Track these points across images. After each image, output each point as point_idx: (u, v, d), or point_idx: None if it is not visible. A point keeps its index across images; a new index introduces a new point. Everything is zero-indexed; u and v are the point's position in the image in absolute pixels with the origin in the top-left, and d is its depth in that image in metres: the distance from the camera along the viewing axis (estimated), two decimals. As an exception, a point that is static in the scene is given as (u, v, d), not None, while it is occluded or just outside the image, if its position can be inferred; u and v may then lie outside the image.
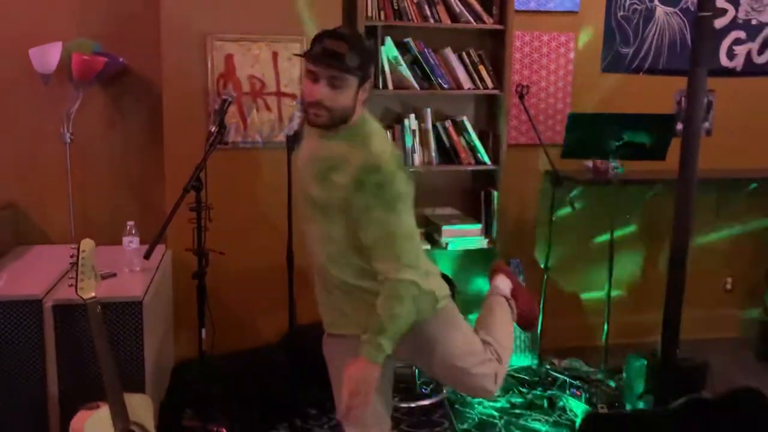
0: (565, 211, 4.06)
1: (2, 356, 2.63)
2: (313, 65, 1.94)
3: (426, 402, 3.39)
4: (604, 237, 3.74)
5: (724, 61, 4.23)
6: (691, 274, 4.11)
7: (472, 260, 3.97)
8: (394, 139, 3.70)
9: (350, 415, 1.99)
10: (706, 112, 4.33)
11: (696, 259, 4.27)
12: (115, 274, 2.90)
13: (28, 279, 2.84)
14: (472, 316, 2.76)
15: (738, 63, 4.25)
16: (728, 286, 4.56)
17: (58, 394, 2.66)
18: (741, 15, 4.20)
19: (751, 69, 4.25)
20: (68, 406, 2.57)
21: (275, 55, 3.41)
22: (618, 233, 3.78)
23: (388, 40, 3.58)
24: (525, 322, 2.64)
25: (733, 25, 4.20)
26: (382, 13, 3.55)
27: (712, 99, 4.33)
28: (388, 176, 1.93)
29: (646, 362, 3.27)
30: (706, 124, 4.35)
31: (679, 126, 3.49)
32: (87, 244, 2.41)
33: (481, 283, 4.00)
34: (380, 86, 3.58)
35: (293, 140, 2.82)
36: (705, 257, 4.40)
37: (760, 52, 4.27)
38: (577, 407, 3.41)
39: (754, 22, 4.22)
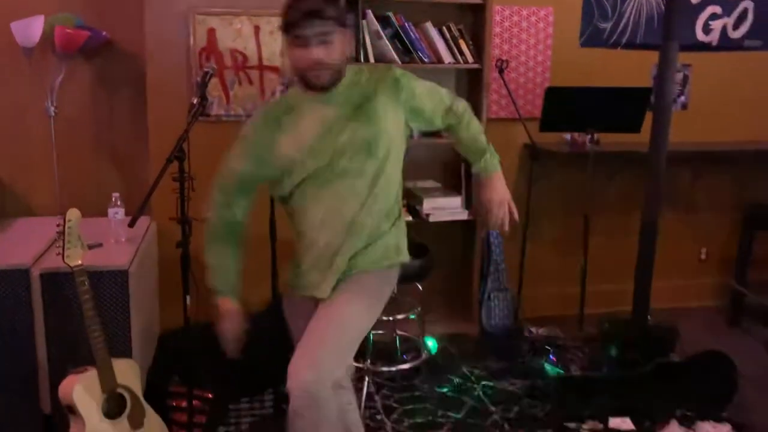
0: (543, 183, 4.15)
1: (-8, 323, 2.70)
2: (298, 30, 2.00)
3: (406, 366, 3.48)
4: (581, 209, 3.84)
5: (700, 35, 4.33)
6: (667, 245, 4.26)
7: (453, 232, 4.06)
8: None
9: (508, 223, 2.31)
10: (682, 86, 4.42)
11: (672, 231, 4.42)
12: (101, 245, 2.95)
13: (15, 249, 2.89)
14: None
15: (714, 38, 4.35)
16: (703, 256, 4.69)
17: (47, 359, 2.73)
18: (717, -10, 4.28)
19: (726, 43, 4.34)
20: (57, 371, 2.64)
21: (257, 29, 3.45)
22: (595, 205, 3.89)
23: (369, 14, 3.62)
24: None
25: (709, 0, 4.28)
26: (363, -13, 3.59)
27: (688, 73, 4.41)
28: (403, 72, 2.27)
29: (618, 328, 3.39)
30: (682, 98, 4.44)
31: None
32: (73, 213, 2.47)
33: (459, 255, 4.09)
34: (362, 59, 3.63)
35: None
36: (681, 228, 4.53)
37: (736, 27, 4.36)
38: (552, 372, 3.53)
39: (729, -4, 4.30)
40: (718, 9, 4.31)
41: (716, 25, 4.33)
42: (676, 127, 4.15)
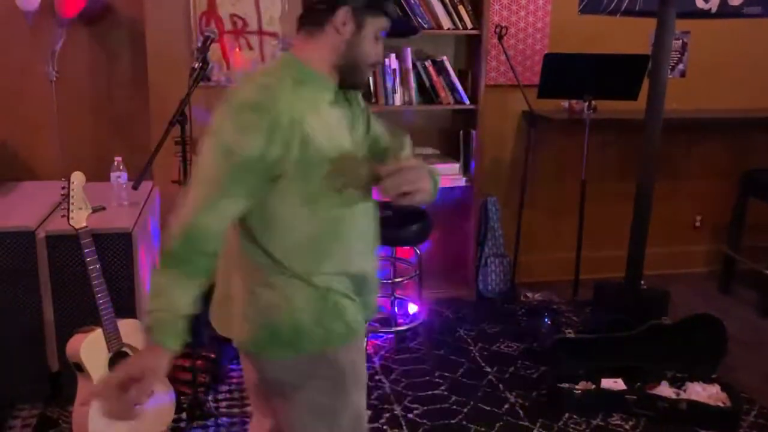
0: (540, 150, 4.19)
1: (-1, 285, 2.76)
2: (388, 25, 1.66)
3: (402, 328, 3.55)
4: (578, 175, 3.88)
5: (699, 2, 4.32)
6: (662, 212, 4.32)
7: (450, 198, 4.11)
8: (375, 78, 3.78)
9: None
10: (681, 53, 4.43)
11: (667, 198, 4.47)
12: (104, 208, 2.99)
13: (19, 212, 2.94)
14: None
15: (713, 4, 4.34)
16: (697, 224, 4.75)
17: (54, 320, 2.81)
18: (718, -43, 4.27)
19: (726, 11, 4.34)
20: (64, 331, 2.70)
21: (257, -7, 3.45)
22: (591, 172, 3.93)
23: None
24: None
25: (709, -34, 4.27)
26: (362, -48, 3.58)
27: (686, 41, 4.42)
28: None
29: (612, 291, 3.46)
30: (681, 66, 4.45)
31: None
32: (77, 176, 2.51)
33: (458, 222, 4.15)
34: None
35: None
36: (676, 196, 4.58)
37: (735, -6, 4.35)
38: (547, 335, 3.61)
39: (730, -37, 4.29)
40: (718, -24, 4.30)
41: (716, -8, 4.33)
42: (674, 94, 4.17)
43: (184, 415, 2.86)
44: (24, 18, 3.28)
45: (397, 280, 3.64)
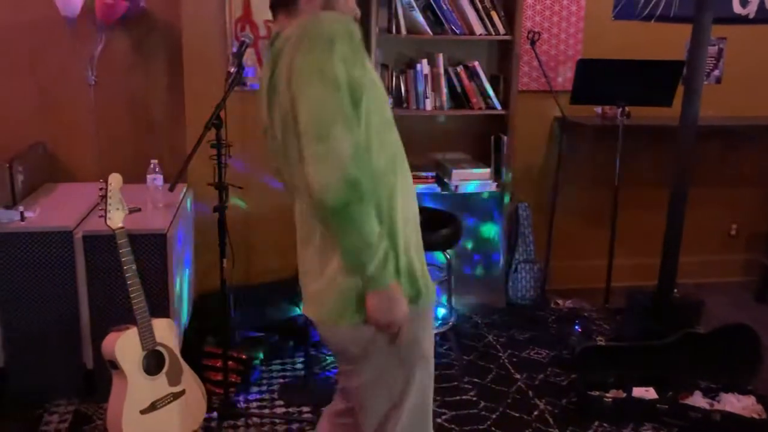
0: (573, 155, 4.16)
1: (37, 284, 2.83)
2: None
3: (433, 333, 3.55)
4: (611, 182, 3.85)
5: (737, 8, 4.28)
6: (697, 220, 4.26)
7: (481, 203, 4.10)
8: (406, 83, 3.80)
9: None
10: (717, 59, 4.37)
11: (702, 206, 4.40)
12: (140, 209, 3.05)
13: (58, 212, 3.02)
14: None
15: (751, 10, 4.29)
16: (733, 232, 4.66)
17: (90, 318, 2.87)
18: (756, -39, 4.21)
19: (764, 16, 4.29)
20: (99, 329, 2.76)
21: (291, -1, 3.49)
22: (624, 179, 3.89)
23: (402, -15, 3.64)
24: None
25: (747, -29, 4.22)
26: (396, -41, 3.61)
27: (722, 47, 4.36)
28: None
29: (644, 299, 3.42)
30: (716, 72, 4.39)
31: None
32: (115, 178, 2.56)
33: (488, 227, 4.14)
34: (393, 30, 3.67)
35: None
36: (711, 203, 4.51)
37: (774, -1, 4.29)
38: (578, 342, 3.58)
39: (769, -32, 4.23)
40: (756, -19, 4.24)
41: (754, -3, 4.27)
42: (710, 100, 4.12)
43: (215, 415, 2.90)
44: (65, 24, 3.36)
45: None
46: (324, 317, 1.70)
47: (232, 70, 2.54)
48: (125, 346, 2.54)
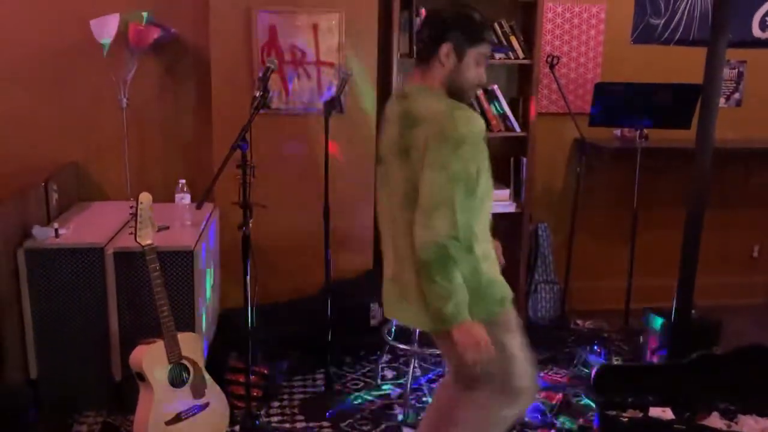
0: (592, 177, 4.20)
1: (70, 298, 2.95)
2: (489, 51, 2.14)
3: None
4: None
5: (756, 32, 4.28)
6: (718, 242, 4.28)
7: (500, 224, 4.14)
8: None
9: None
10: (737, 83, 4.39)
11: (724, 227, 4.41)
12: (168, 227, 3.17)
13: (90, 229, 3.14)
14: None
15: (770, 34, 4.31)
16: (755, 254, 4.65)
17: (119, 331, 2.97)
18: (775, -14, 4.24)
19: (784, 40, 4.30)
20: (128, 341, 2.87)
21: (315, 25, 3.61)
22: (643, 200, 3.92)
23: (423, 11, 3.74)
24: None
25: (766, -4, 4.24)
26: (417, -15, 3.72)
27: (743, 70, 4.39)
28: None
29: (662, 320, 3.43)
30: (737, 95, 4.41)
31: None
32: (145, 197, 2.68)
33: (506, 246, 4.17)
34: (414, 55, 3.76)
35: (330, 106, 3.04)
36: (733, 226, 4.51)
37: (794, 23, 4.31)
38: (595, 362, 3.60)
39: (788, -8, 4.25)
40: (775, 5, 4.26)
41: (773, 21, 4.29)
42: (730, 123, 4.15)
43: (237, 428, 2.97)
44: (100, 49, 3.51)
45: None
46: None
47: (258, 94, 2.65)
48: (152, 359, 2.64)
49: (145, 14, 3.56)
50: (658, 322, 3.47)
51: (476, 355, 2.07)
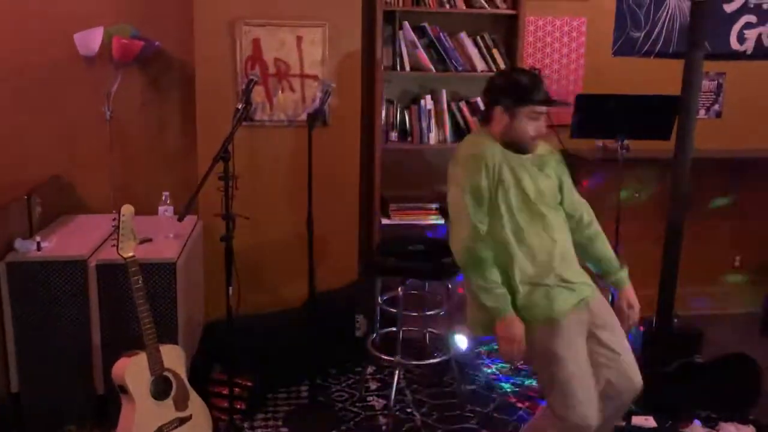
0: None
1: (52, 310, 2.93)
2: (539, 108, 2.46)
3: (435, 361, 3.60)
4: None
5: (734, 44, 4.39)
6: (699, 252, 4.31)
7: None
8: (411, 118, 3.92)
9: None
10: (716, 94, 4.46)
11: (705, 238, 4.45)
12: (151, 239, 3.17)
13: (74, 242, 3.13)
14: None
15: (748, 46, 4.40)
16: (737, 263, 4.70)
17: (102, 343, 2.96)
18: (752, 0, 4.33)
19: (761, 52, 4.40)
20: (110, 354, 2.85)
21: (299, 39, 3.64)
22: (626, 211, 3.95)
23: (406, 25, 3.79)
24: None
25: (744, 9, 4.34)
26: (400, -1, 3.76)
27: (722, 81, 4.45)
28: None
29: (643, 330, 3.46)
30: (716, 107, 4.48)
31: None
32: (127, 209, 2.68)
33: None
34: (398, 68, 3.80)
35: (313, 118, 3.06)
36: (714, 236, 4.55)
37: (771, 36, 4.39)
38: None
39: (764, 6, 4.35)
40: (753, 18, 4.35)
41: (751, 34, 4.37)
42: (710, 134, 4.21)
43: (220, 441, 2.96)
44: (84, 62, 3.52)
45: (429, 313, 3.71)
46: None
47: (240, 106, 2.66)
48: (134, 371, 2.63)
49: (129, 28, 3.58)
50: (640, 331, 3.49)
51: (508, 350, 2.39)
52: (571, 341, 2.38)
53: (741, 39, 4.37)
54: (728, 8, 4.32)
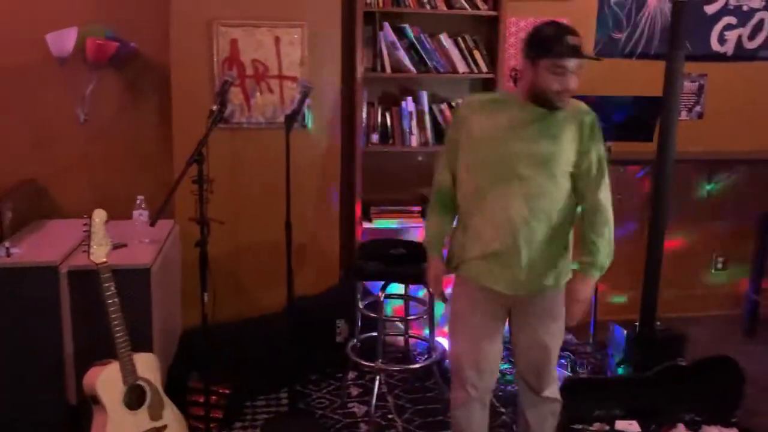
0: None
1: (23, 317, 2.84)
2: (562, 61, 2.26)
3: (416, 366, 3.56)
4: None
5: (715, 45, 4.36)
6: (681, 254, 4.30)
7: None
8: (392, 120, 3.88)
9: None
10: (698, 95, 4.45)
11: (687, 239, 4.44)
12: (125, 245, 3.10)
13: (45, 248, 3.05)
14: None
15: (729, 48, 4.38)
16: (719, 265, 4.70)
17: (73, 352, 2.88)
18: (732, 1, 4.32)
19: (741, 53, 4.38)
20: (82, 363, 2.77)
21: (277, 39, 3.58)
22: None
23: (386, 26, 3.74)
24: None
25: (724, 11, 4.32)
26: (380, 0, 3.71)
27: (703, 83, 4.45)
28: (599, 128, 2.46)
29: (627, 332, 3.43)
30: (698, 108, 4.47)
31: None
32: (99, 214, 2.62)
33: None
34: (378, 69, 3.76)
35: (291, 120, 3.01)
36: (696, 237, 4.55)
37: (751, 37, 4.39)
38: (561, 375, 3.58)
39: (744, 8, 4.34)
40: (733, 20, 4.34)
41: (731, 35, 4.36)
42: (692, 135, 4.19)
43: (197, 450, 2.90)
44: (57, 63, 3.45)
45: (410, 318, 3.67)
46: None
47: (215, 108, 2.61)
48: (107, 381, 2.56)
49: (103, 28, 3.51)
50: (623, 334, 3.46)
51: (428, 283, 2.66)
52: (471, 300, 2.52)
53: (721, 40, 4.35)
54: (709, 9, 4.30)
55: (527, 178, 2.33)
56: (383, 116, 3.88)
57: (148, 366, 2.69)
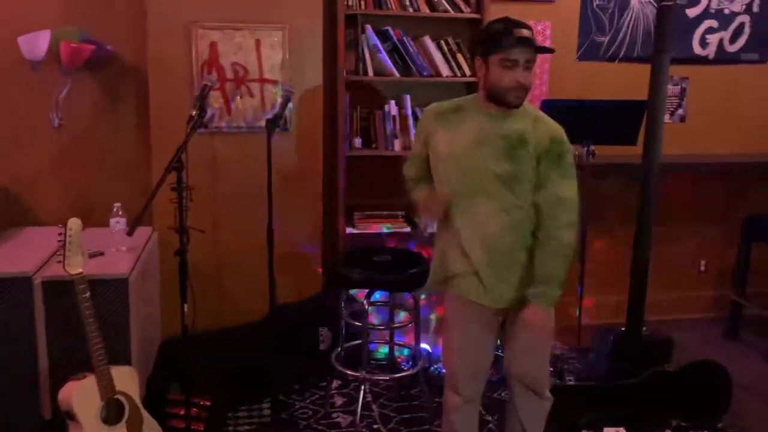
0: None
1: (-5, 330, 2.75)
2: (511, 54, 2.21)
3: (401, 375, 3.50)
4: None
5: (696, 49, 4.38)
6: (665, 257, 4.29)
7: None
8: (375, 124, 3.83)
9: None
10: (680, 99, 4.45)
11: (671, 243, 4.44)
12: (102, 253, 3.02)
13: (19, 257, 2.95)
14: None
15: (710, 51, 4.40)
16: (702, 268, 4.70)
17: (48, 366, 2.78)
18: (713, 5, 4.35)
19: (723, 57, 4.40)
20: (58, 377, 2.68)
21: (258, 42, 3.51)
22: (592, 218, 3.91)
23: (368, 29, 3.69)
24: None
25: (705, 14, 4.34)
26: (362, 2, 3.66)
27: (686, 86, 4.45)
28: (567, 147, 2.38)
29: (612, 338, 3.41)
30: (680, 111, 4.47)
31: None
32: (74, 223, 2.53)
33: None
34: (361, 73, 3.70)
35: (273, 124, 2.94)
36: (679, 240, 4.55)
37: (732, 41, 4.41)
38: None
39: (726, 11, 4.36)
40: (714, 23, 4.36)
41: (713, 38, 4.38)
42: (675, 139, 4.19)
43: (177, 465, 2.82)
44: (30, 67, 3.35)
45: (395, 326, 3.61)
46: None
47: (194, 113, 2.54)
48: (82, 396, 2.48)
49: (77, 31, 3.42)
50: (609, 340, 3.44)
51: (428, 212, 2.56)
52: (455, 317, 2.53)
53: (703, 43, 4.37)
54: (691, 13, 4.32)
55: (494, 194, 2.32)
56: (366, 120, 3.83)
57: (126, 379, 2.61)
